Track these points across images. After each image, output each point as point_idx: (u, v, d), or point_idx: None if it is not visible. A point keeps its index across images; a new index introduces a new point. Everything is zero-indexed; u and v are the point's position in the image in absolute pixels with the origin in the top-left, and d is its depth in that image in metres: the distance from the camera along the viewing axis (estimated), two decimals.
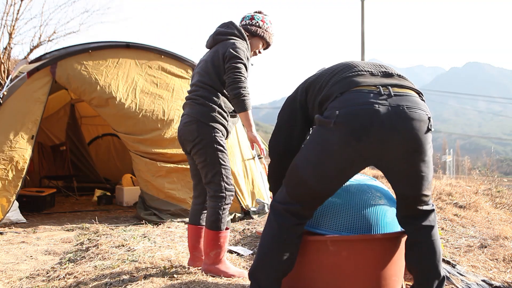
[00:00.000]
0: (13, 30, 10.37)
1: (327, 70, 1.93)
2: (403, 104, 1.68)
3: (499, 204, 5.13)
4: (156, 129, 4.60)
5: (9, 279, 2.68)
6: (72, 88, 4.61)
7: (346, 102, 1.68)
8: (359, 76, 1.77)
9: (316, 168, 1.73)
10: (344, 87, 1.74)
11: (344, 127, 1.65)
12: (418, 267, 1.85)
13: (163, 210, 4.51)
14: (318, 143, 1.74)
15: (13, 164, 4.27)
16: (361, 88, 1.71)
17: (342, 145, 1.67)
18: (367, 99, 1.66)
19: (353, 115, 1.65)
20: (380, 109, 1.65)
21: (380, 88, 1.70)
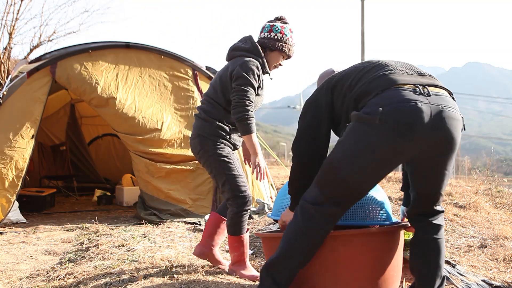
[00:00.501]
0: (13, 30, 10.37)
1: (355, 68, 1.91)
2: (442, 104, 1.69)
3: (499, 204, 5.13)
4: (156, 129, 4.60)
5: (9, 279, 2.68)
6: (72, 88, 4.61)
7: (389, 99, 1.67)
8: (396, 74, 1.77)
9: (357, 165, 1.71)
10: (384, 84, 1.73)
11: (388, 124, 1.64)
12: (422, 265, 1.86)
13: (163, 210, 4.52)
14: (359, 140, 1.70)
15: (13, 164, 4.27)
16: (402, 86, 1.71)
17: (386, 142, 1.66)
18: (410, 96, 1.66)
19: (398, 112, 1.64)
20: (423, 107, 1.65)
21: (419, 87, 1.71)
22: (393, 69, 1.80)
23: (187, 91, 4.91)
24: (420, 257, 1.87)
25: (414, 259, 1.90)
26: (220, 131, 2.53)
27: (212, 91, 2.60)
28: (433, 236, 1.86)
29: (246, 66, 2.43)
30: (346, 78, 1.90)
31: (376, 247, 1.95)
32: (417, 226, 1.90)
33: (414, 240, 1.91)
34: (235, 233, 2.56)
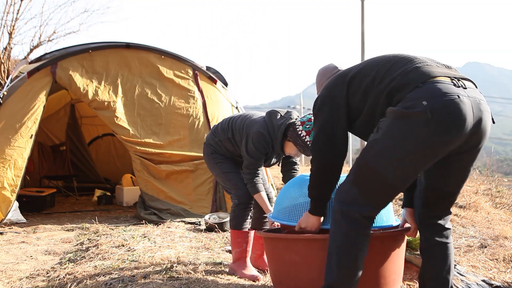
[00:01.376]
0: (13, 30, 10.38)
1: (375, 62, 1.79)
2: (477, 97, 1.62)
3: (499, 204, 5.13)
4: (156, 130, 4.60)
5: (9, 279, 2.68)
6: (73, 89, 4.61)
7: (431, 92, 1.56)
8: (429, 66, 1.66)
9: (400, 164, 1.60)
10: (422, 77, 1.61)
11: (437, 118, 1.53)
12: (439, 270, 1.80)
13: (163, 209, 4.52)
14: (401, 137, 1.58)
15: (12, 164, 4.27)
16: (440, 78, 1.60)
17: (431, 137, 1.55)
18: (451, 89, 1.57)
19: (445, 106, 1.54)
20: (465, 101, 1.56)
21: (455, 79, 1.62)
22: (422, 61, 1.69)
23: (187, 91, 4.91)
24: (435, 263, 1.80)
25: (428, 264, 1.82)
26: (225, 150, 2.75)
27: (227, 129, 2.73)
28: (446, 241, 1.81)
29: (253, 140, 2.53)
30: (365, 73, 1.77)
31: (378, 250, 1.93)
32: (430, 230, 1.83)
33: (426, 245, 1.83)
34: (237, 227, 2.62)
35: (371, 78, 1.74)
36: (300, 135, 2.44)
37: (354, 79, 1.80)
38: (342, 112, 1.80)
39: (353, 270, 1.66)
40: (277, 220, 2.17)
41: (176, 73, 4.92)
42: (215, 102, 5.07)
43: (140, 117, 4.57)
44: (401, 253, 2.03)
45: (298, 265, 1.93)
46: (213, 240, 3.57)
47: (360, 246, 1.67)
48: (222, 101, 5.18)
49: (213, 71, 5.25)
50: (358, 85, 1.77)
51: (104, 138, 7.93)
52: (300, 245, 1.93)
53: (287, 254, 1.98)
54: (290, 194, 2.15)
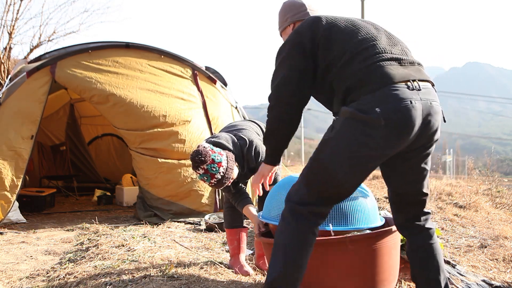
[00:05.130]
0: (13, 30, 10.39)
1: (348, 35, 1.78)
2: (430, 98, 1.69)
3: (499, 204, 5.13)
4: (157, 125, 4.57)
5: (9, 279, 2.68)
6: (72, 87, 4.61)
7: (385, 98, 1.63)
8: (392, 67, 1.70)
9: (351, 163, 1.65)
10: (380, 80, 1.66)
11: (388, 125, 1.60)
12: (424, 272, 1.81)
13: (164, 209, 4.50)
14: (353, 138, 1.64)
15: (12, 164, 4.27)
16: (397, 85, 1.66)
17: (382, 142, 1.62)
18: (405, 95, 1.63)
19: (396, 112, 1.61)
20: (416, 105, 1.63)
21: (411, 82, 1.68)
22: (388, 57, 1.72)
23: (187, 91, 4.91)
24: (421, 265, 1.82)
25: (415, 267, 1.83)
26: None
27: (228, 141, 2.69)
28: (429, 241, 1.82)
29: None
30: (336, 40, 1.78)
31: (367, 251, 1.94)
32: (410, 233, 1.85)
33: (409, 249, 1.85)
34: (227, 226, 2.80)
35: (338, 52, 1.76)
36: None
37: (322, 36, 1.79)
38: (310, 63, 1.80)
39: (298, 267, 1.68)
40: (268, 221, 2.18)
41: (176, 73, 4.92)
42: (214, 102, 5.07)
43: (140, 113, 4.55)
44: (395, 250, 2.04)
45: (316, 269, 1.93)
46: (213, 240, 3.57)
47: (307, 244, 1.69)
48: (221, 101, 5.18)
49: (212, 71, 5.25)
50: (324, 46, 1.78)
51: (104, 138, 7.93)
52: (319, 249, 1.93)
53: None
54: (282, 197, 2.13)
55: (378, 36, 1.79)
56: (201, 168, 2.36)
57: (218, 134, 2.64)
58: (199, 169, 2.37)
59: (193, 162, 2.37)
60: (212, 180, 2.38)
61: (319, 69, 1.80)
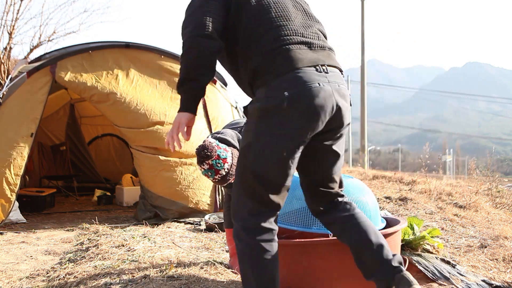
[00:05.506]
0: (13, 30, 10.38)
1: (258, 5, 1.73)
2: (338, 81, 1.70)
3: (499, 204, 5.13)
4: (157, 123, 4.56)
5: (9, 279, 2.68)
6: (72, 87, 4.61)
7: (292, 82, 1.61)
8: (301, 51, 1.68)
9: (276, 159, 1.63)
10: (287, 65, 1.64)
11: (296, 109, 1.59)
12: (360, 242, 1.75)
13: (165, 208, 4.49)
14: (273, 135, 1.62)
15: (12, 164, 4.27)
16: (305, 68, 1.64)
17: (299, 128, 1.61)
18: (313, 77, 1.62)
19: (302, 95, 1.59)
20: (325, 87, 1.63)
21: (320, 67, 1.67)
22: (298, 41, 1.69)
23: None
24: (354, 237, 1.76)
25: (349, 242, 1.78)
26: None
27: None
28: (350, 212, 1.79)
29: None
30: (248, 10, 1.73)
31: None
32: (329, 215, 1.82)
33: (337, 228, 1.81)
34: (227, 225, 2.78)
35: (246, 26, 1.72)
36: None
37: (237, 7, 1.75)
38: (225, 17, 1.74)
39: (271, 277, 1.65)
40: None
41: (176, 73, 4.91)
42: (214, 102, 5.06)
43: (142, 110, 4.54)
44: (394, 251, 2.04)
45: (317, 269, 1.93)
46: (213, 240, 3.57)
47: (269, 253, 1.65)
48: (221, 101, 5.17)
49: None
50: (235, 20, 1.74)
51: (104, 138, 7.93)
52: (320, 249, 1.93)
53: (304, 259, 1.96)
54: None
55: (293, 16, 1.75)
56: (206, 163, 2.34)
57: (223, 130, 2.63)
58: (204, 164, 2.35)
59: (199, 157, 2.35)
60: (216, 176, 2.36)
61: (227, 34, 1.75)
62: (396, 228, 2.04)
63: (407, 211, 4.35)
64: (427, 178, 6.36)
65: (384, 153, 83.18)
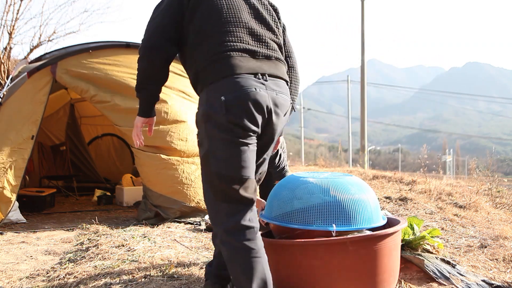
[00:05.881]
0: (13, 30, 10.38)
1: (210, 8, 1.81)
2: (277, 90, 1.77)
3: (499, 204, 5.13)
4: (158, 122, 4.55)
5: (9, 279, 2.68)
6: (73, 87, 4.60)
7: (230, 86, 1.69)
8: (243, 58, 1.75)
9: (238, 162, 1.70)
10: (227, 71, 1.72)
11: (232, 111, 1.67)
12: None
13: (167, 208, 4.48)
14: (224, 140, 1.70)
15: (12, 164, 4.27)
16: (242, 74, 1.72)
17: (242, 131, 1.69)
18: (249, 83, 1.70)
19: (237, 98, 1.67)
20: (261, 92, 1.71)
21: (260, 75, 1.74)
22: (241, 48, 1.75)
23: (187, 90, 4.91)
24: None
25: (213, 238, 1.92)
26: None
27: None
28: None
29: None
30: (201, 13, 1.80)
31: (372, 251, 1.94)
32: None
33: None
34: None
35: (195, 29, 1.80)
36: None
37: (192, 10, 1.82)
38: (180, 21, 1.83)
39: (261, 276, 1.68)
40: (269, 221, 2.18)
41: (176, 72, 4.91)
42: None
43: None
44: (396, 251, 2.04)
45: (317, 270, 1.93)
46: None
47: (254, 251, 1.68)
48: None
49: None
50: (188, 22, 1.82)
51: (104, 138, 7.93)
52: (320, 249, 1.93)
53: (304, 259, 1.96)
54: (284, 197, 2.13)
55: (243, 23, 1.81)
56: None
57: None
58: None
59: None
60: None
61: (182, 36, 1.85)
62: (396, 228, 2.04)
63: (407, 211, 4.35)
64: (427, 178, 6.36)
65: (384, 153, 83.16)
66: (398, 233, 2.07)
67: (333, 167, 11.38)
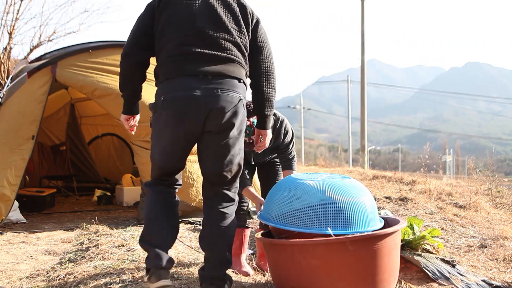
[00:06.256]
0: (13, 30, 10.38)
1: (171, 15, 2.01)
2: (219, 87, 1.93)
3: (499, 204, 5.13)
4: None
5: (9, 279, 2.68)
6: (72, 84, 4.60)
7: (169, 88, 1.95)
8: (187, 61, 1.95)
9: (160, 148, 2.04)
10: (171, 73, 1.97)
11: (167, 111, 1.94)
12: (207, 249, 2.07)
13: None
14: (156, 127, 2.03)
15: (13, 164, 4.27)
16: (183, 76, 1.94)
17: (168, 127, 1.96)
18: (188, 84, 1.92)
19: (174, 100, 1.92)
20: (197, 93, 1.90)
21: (201, 75, 1.93)
22: (188, 52, 1.95)
23: None
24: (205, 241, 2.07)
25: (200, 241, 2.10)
26: None
27: None
28: (219, 224, 2.04)
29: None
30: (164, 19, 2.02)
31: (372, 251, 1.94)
32: (207, 212, 2.09)
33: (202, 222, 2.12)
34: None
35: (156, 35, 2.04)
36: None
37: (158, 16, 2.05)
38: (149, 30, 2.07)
39: (151, 223, 2.04)
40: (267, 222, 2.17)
41: None
42: None
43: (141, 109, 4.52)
44: (396, 252, 2.04)
45: (316, 269, 1.93)
46: None
47: (155, 201, 2.07)
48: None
49: None
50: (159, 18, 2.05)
51: (104, 138, 7.93)
52: (319, 249, 1.93)
53: (304, 259, 1.96)
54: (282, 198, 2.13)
55: (197, 27, 1.98)
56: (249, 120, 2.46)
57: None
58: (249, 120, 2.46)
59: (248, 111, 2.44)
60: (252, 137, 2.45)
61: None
62: (396, 228, 2.04)
63: (407, 211, 4.35)
64: (427, 178, 6.36)
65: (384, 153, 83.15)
66: (397, 233, 2.07)
67: (333, 167, 11.39)
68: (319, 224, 1.98)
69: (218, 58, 1.97)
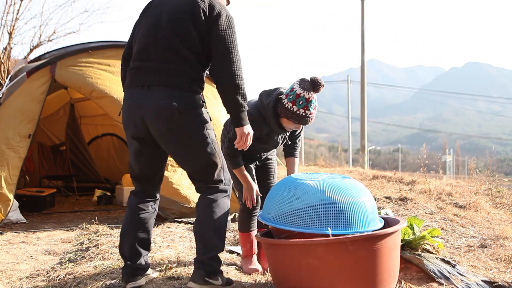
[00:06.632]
0: (13, 30, 10.38)
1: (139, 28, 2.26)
2: (152, 98, 2.09)
3: (499, 204, 5.13)
4: None
5: (9, 279, 2.68)
6: (71, 84, 4.60)
7: (123, 100, 2.26)
8: (131, 73, 2.21)
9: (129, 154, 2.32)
10: (127, 84, 2.24)
11: (122, 119, 2.25)
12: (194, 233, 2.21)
13: (166, 208, 4.48)
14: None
15: (10, 163, 4.27)
16: (130, 88, 2.21)
17: (127, 133, 2.26)
18: (131, 95, 2.18)
19: (123, 110, 2.24)
20: (135, 103, 2.14)
21: (142, 87, 2.14)
22: (136, 66, 2.19)
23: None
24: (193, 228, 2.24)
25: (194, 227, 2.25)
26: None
27: None
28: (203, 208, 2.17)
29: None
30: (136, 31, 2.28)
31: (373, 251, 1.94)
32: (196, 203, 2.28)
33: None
34: (241, 230, 2.83)
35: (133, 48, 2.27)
36: (288, 108, 2.47)
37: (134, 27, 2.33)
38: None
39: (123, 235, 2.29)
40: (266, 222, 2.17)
41: None
42: (214, 101, 5.06)
43: None
44: (396, 251, 2.03)
45: (316, 269, 1.93)
46: None
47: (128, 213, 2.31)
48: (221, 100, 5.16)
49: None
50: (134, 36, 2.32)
51: (104, 138, 7.93)
52: (319, 249, 1.93)
53: (304, 259, 1.96)
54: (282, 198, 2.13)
55: (146, 40, 2.17)
56: (315, 94, 2.46)
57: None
58: (318, 92, 2.45)
59: (317, 84, 2.43)
60: (315, 110, 2.48)
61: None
62: (395, 227, 2.04)
63: (407, 211, 4.35)
64: (427, 178, 6.36)
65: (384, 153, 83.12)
66: (397, 233, 2.07)
67: (333, 167, 11.38)
68: (319, 224, 1.97)
69: (157, 69, 2.14)
